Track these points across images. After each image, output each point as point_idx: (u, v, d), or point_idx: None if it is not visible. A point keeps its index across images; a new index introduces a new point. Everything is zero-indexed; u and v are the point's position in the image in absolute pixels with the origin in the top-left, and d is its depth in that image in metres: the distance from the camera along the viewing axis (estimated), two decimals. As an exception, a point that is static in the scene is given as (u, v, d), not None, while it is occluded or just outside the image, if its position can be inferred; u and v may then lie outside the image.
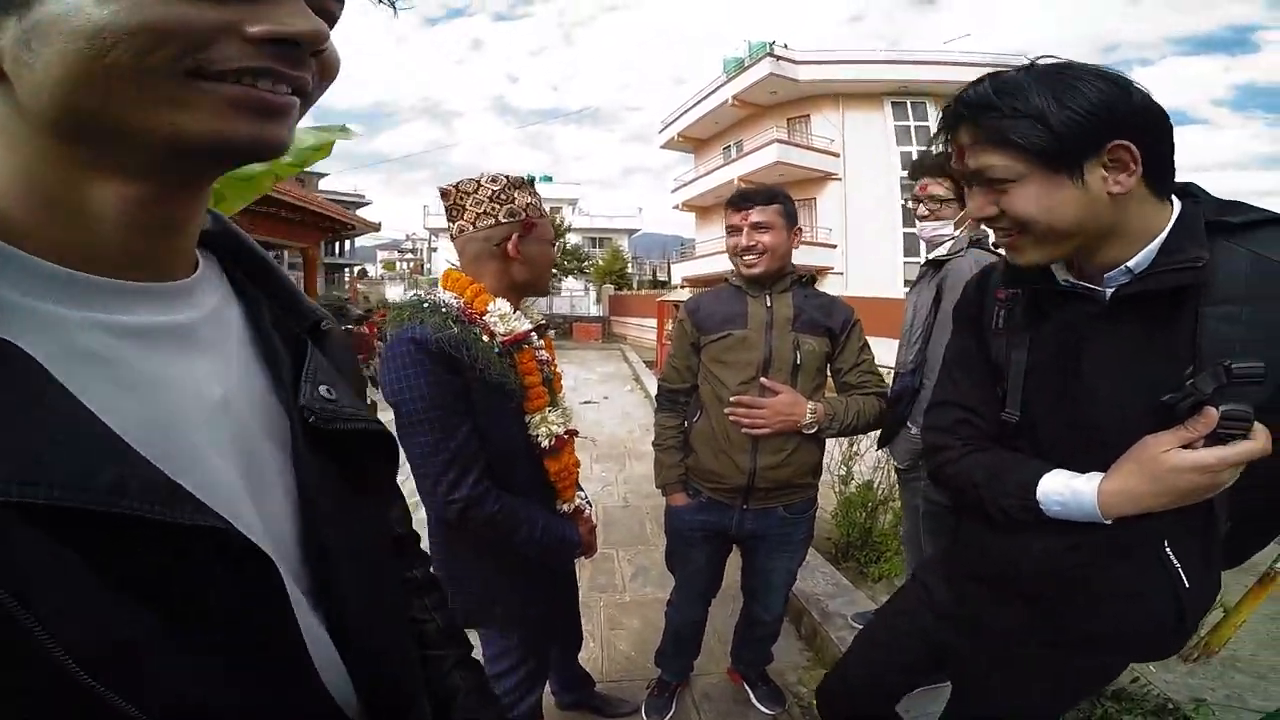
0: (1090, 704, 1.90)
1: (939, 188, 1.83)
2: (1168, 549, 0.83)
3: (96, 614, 0.30)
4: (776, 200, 1.57)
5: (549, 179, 36.93)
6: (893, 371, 1.98)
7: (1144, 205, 0.75)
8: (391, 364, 1.07)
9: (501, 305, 1.18)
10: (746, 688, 2.07)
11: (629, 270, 27.87)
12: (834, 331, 1.61)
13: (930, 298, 1.81)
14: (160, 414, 0.36)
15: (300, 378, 0.46)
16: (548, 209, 1.30)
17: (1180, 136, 0.76)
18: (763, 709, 2.01)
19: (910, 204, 1.96)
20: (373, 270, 50.04)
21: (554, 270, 1.56)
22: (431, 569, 1.18)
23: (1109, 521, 0.79)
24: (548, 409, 1.25)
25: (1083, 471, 0.83)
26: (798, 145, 18.92)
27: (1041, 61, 0.76)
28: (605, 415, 7.16)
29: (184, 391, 0.38)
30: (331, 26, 0.38)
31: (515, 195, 1.19)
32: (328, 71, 0.39)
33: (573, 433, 1.36)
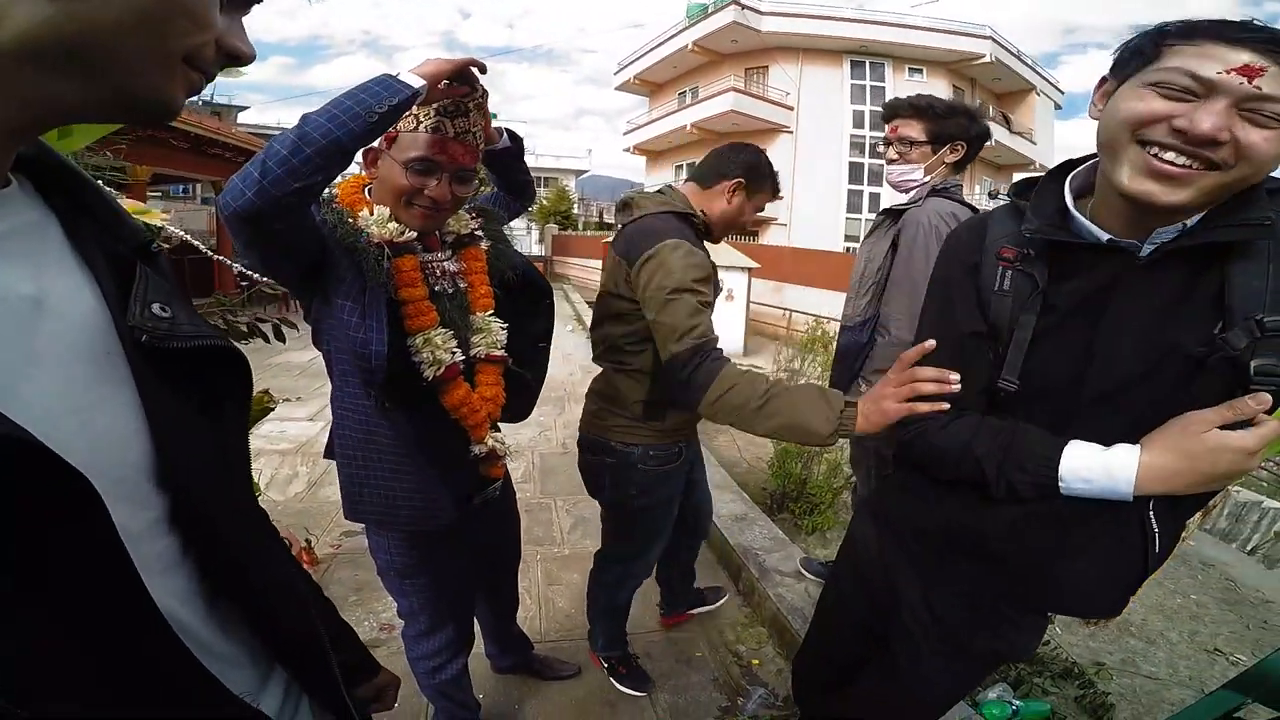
0: (1005, 666, 2.01)
1: (911, 129, 1.73)
2: (1151, 512, 0.81)
3: None
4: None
5: (494, 116, 35.63)
6: (838, 325, 1.95)
7: None
8: None
9: (380, 211, 1.06)
10: (691, 612, 2.27)
11: (574, 211, 27.33)
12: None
13: (885, 248, 1.72)
14: None
15: (130, 296, 0.45)
16: (427, 126, 1.03)
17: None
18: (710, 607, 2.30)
19: (881, 147, 1.89)
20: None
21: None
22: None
23: (1130, 499, 0.77)
24: (434, 330, 1.09)
25: (1087, 436, 0.80)
26: (753, 96, 18.99)
27: None
28: (545, 358, 7.02)
29: None
30: None
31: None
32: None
33: (495, 359, 1.21)
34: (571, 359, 7.01)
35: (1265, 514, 3.53)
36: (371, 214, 1.06)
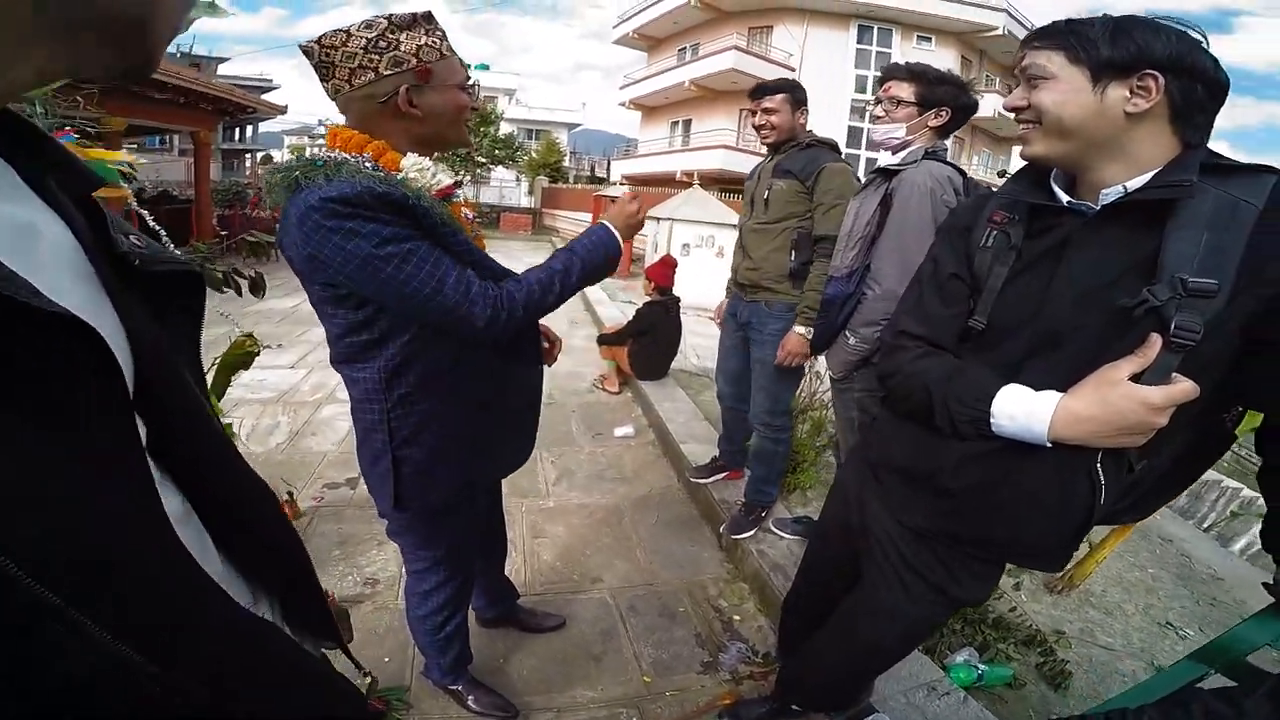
0: (973, 630, 2.09)
1: (902, 90, 1.79)
2: (1098, 463, 0.87)
3: None
4: (784, 90, 2.17)
5: (485, 67, 34.19)
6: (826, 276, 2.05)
7: (1159, 139, 0.82)
8: (313, 232, 0.91)
9: (417, 160, 1.06)
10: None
11: (565, 164, 26.77)
12: (801, 177, 2.15)
13: (874, 205, 1.79)
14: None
15: (108, 229, 0.49)
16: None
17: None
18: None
19: (871, 106, 1.99)
20: (279, 155, 46.56)
21: (484, 160, 1.40)
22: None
23: (1049, 444, 0.84)
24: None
25: (1032, 376, 0.88)
26: (755, 55, 18.46)
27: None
28: (531, 310, 6.95)
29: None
30: None
31: (400, 39, 0.98)
32: None
33: None
34: (557, 313, 6.94)
35: (1223, 493, 3.65)
36: (410, 162, 1.06)
